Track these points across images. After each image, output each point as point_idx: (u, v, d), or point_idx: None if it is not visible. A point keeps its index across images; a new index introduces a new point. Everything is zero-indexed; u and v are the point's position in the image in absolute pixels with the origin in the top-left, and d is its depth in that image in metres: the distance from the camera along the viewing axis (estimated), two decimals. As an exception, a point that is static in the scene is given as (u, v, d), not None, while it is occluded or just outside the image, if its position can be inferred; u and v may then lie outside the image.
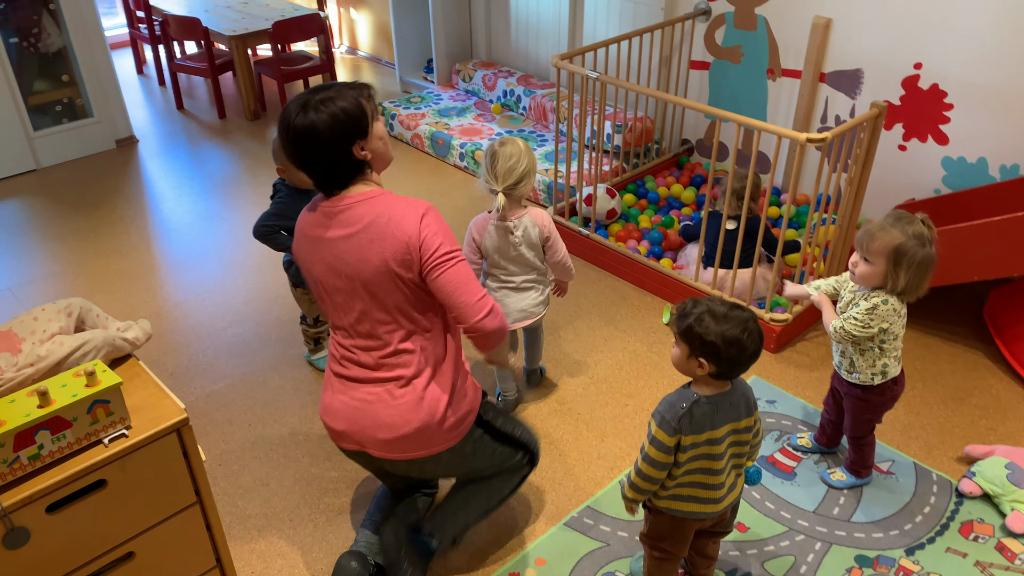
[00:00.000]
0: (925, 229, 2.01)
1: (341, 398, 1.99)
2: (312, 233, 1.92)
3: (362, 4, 5.89)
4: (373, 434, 1.95)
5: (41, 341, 1.72)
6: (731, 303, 1.75)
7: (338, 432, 2.01)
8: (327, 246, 1.90)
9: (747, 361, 1.72)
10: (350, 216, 1.87)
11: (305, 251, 1.96)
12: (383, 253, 1.84)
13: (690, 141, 4.23)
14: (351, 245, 1.86)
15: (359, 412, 1.96)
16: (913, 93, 3.27)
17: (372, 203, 1.87)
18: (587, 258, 3.58)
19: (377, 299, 1.89)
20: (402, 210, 1.85)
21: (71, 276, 3.54)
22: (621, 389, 2.85)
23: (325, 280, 1.93)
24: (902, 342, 2.20)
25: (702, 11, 3.82)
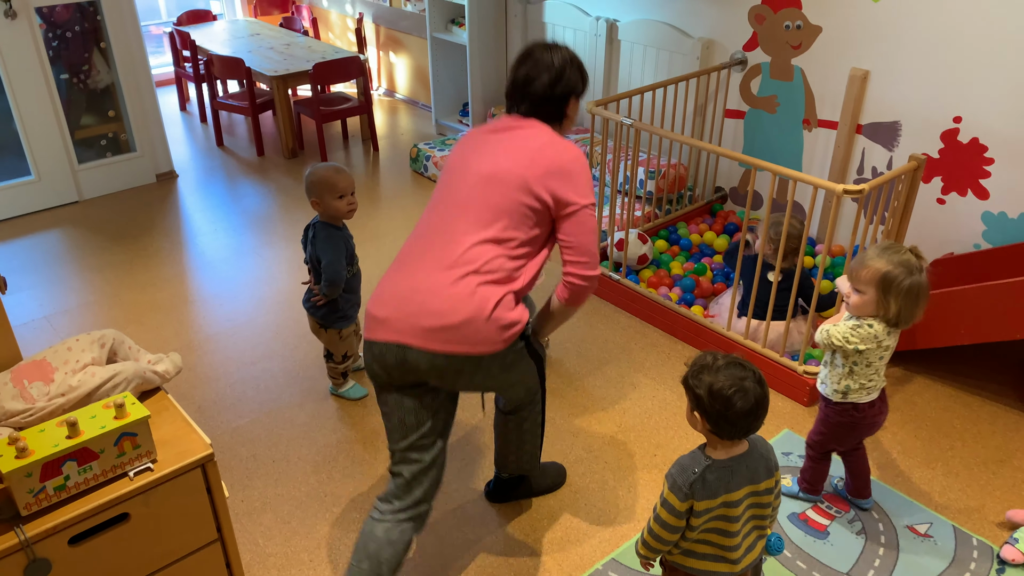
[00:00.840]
0: (913, 258, 2.06)
1: (392, 287, 1.95)
2: (482, 136, 2.07)
3: (401, 48, 6.01)
4: (417, 321, 1.87)
5: (73, 371, 1.73)
6: (737, 360, 1.68)
7: (379, 320, 1.91)
8: (492, 143, 2.03)
9: (735, 419, 1.64)
10: (527, 133, 2.02)
11: (466, 146, 2.06)
12: (535, 170, 1.95)
13: (724, 189, 4.22)
14: (503, 155, 1.99)
15: (406, 299, 1.91)
16: (952, 147, 3.23)
17: (544, 131, 2.05)
18: (617, 303, 3.55)
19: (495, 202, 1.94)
20: (565, 144, 2.03)
21: (106, 307, 3.59)
22: (650, 439, 2.80)
23: (450, 175, 2.04)
24: (881, 377, 2.21)
25: (738, 61, 3.83)
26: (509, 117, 2.10)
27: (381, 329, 1.91)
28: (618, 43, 4.36)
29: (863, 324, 2.11)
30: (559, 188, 1.96)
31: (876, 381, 2.21)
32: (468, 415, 2.91)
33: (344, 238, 2.71)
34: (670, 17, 4.07)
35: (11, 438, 1.46)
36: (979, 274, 3.12)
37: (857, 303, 2.11)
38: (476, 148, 2.06)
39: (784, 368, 2.93)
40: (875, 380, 2.21)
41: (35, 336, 3.37)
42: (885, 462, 2.69)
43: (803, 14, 3.52)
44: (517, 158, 1.98)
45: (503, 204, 1.94)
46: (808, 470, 2.47)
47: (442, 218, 2.00)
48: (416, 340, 1.87)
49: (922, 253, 2.09)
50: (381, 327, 1.92)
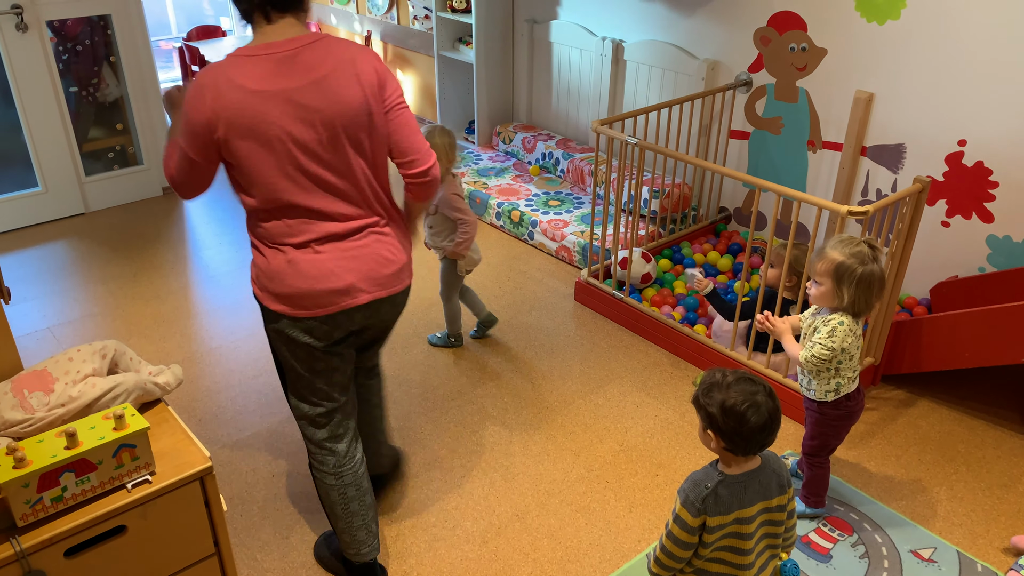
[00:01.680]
0: (866, 248, 2.16)
1: (332, 258, 1.92)
2: (263, 87, 1.78)
3: (408, 66, 6.05)
4: (380, 271, 1.99)
5: (74, 382, 1.73)
6: (746, 375, 1.69)
7: (342, 289, 1.93)
8: (291, 96, 1.79)
9: (749, 435, 1.64)
10: (314, 59, 1.82)
11: (251, 108, 1.77)
12: (361, 90, 1.86)
13: (728, 209, 4.22)
14: (328, 89, 1.82)
15: (360, 260, 1.95)
16: (957, 170, 3.23)
17: (326, 42, 1.86)
18: (620, 322, 3.55)
19: (353, 147, 1.89)
20: (357, 47, 1.91)
21: (109, 318, 3.60)
22: (651, 458, 2.78)
23: (294, 134, 1.81)
24: (857, 362, 2.31)
25: (743, 82, 3.85)
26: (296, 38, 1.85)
27: (348, 296, 1.95)
28: (624, 63, 4.38)
29: (835, 328, 2.19)
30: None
31: (856, 369, 2.32)
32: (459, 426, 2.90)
33: None
34: (676, 38, 4.09)
35: (9, 448, 1.45)
36: (983, 297, 3.11)
37: (816, 294, 2.23)
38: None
39: (788, 389, 2.92)
40: (856, 369, 2.32)
41: (38, 346, 3.37)
42: (889, 485, 2.67)
43: (808, 36, 3.54)
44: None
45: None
46: (812, 480, 2.48)
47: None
48: (382, 290, 2.00)
49: (878, 244, 2.20)
50: (346, 296, 1.95)
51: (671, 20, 4.08)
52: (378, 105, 1.90)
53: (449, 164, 2.95)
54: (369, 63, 1.90)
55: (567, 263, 4.08)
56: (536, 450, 2.82)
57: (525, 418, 2.98)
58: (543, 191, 4.53)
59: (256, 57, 1.80)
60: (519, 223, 4.29)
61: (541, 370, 3.26)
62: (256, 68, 1.79)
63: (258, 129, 1.80)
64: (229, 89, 1.77)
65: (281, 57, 1.80)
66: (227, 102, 1.77)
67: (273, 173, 1.85)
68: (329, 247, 1.93)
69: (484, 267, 4.04)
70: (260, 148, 1.82)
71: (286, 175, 1.85)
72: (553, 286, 3.89)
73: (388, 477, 2.64)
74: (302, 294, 1.92)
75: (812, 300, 2.26)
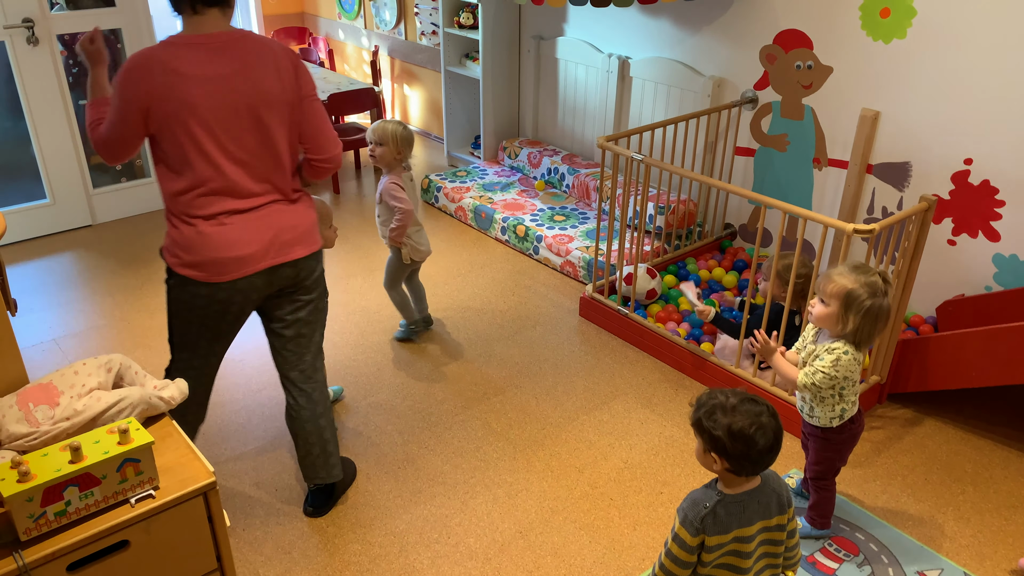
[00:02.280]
0: (880, 281, 2.11)
1: (236, 229, 2.13)
2: (195, 72, 2.01)
3: (415, 81, 6.08)
4: (281, 236, 2.20)
5: (79, 395, 1.73)
6: (746, 395, 1.68)
7: (243, 257, 2.14)
8: (220, 82, 2.03)
9: (758, 457, 1.64)
10: (238, 51, 2.06)
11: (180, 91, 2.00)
12: (279, 82, 2.10)
13: (733, 225, 4.22)
14: (248, 79, 2.06)
15: (261, 229, 2.17)
16: (963, 188, 3.23)
17: (251, 37, 2.12)
18: (625, 338, 3.54)
19: (269, 131, 2.12)
20: (278, 45, 2.16)
21: (115, 330, 3.60)
22: (656, 476, 2.77)
23: (212, 117, 2.03)
24: (859, 387, 2.30)
25: (749, 99, 3.86)
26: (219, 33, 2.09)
27: (247, 265, 2.16)
28: (630, 80, 4.40)
29: (839, 357, 2.16)
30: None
31: (858, 392, 2.30)
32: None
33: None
34: (682, 55, 4.11)
35: (14, 462, 1.45)
36: (990, 316, 3.10)
37: (820, 314, 2.17)
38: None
39: (791, 407, 2.90)
40: (858, 392, 2.30)
41: (43, 358, 3.37)
42: (895, 506, 2.65)
43: (814, 54, 3.55)
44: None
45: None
46: (819, 502, 2.46)
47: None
48: (283, 256, 2.22)
49: (890, 278, 2.15)
50: (244, 264, 2.15)
51: (677, 37, 4.10)
52: (293, 96, 2.14)
53: (399, 155, 3.15)
54: (288, 59, 2.15)
55: (572, 278, 4.08)
56: (540, 466, 2.81)
57: (529, 434, 2.97)
58: (548, 206, 4.54)
59: (190, 45, 2.04)
60: (524, 238, 4.30)
61: (545, 385, 3.25)
62: (190, 55, 2.02)
63: (184, 110, 2.01)
64: (162, 72, 1.99)
65: (213, 47, 2.04)
66: (158, 84, 1.99)
67: (194, 151, 2.06)
68: (235, 219, 2.14)
69: (488, 281, 4.04)
70: (184, 128, 2.03)
71: (204, 154, 2.07)
72: (558, 301, 3.89)
73: (337, 487, 2.65)
74: (209, 262, 2.13)
75: (814, 320, 2.22)
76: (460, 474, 2.77)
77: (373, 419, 3.04)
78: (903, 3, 3.19)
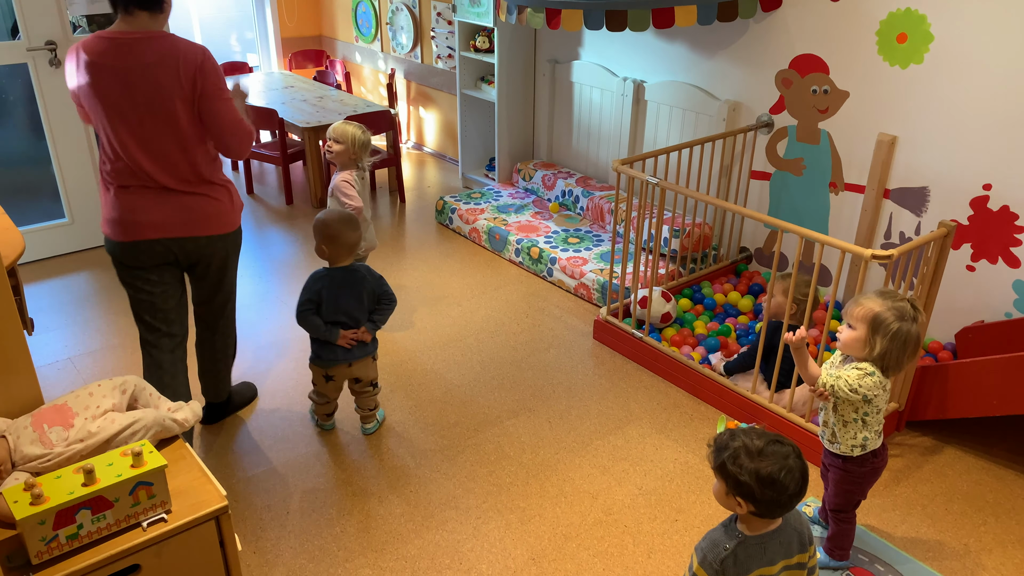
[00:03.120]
0: (908, 306, 2.08)
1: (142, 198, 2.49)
2: (100, 62, 2.34)
3: (431, 104, 6.12)
4: (181, 216, 2.53)
5: (94, 417, 1.73)
6: (771, 436, 1.65)
7: (144, 223, 2.49)
8: (120, 79, 2.35)
9: (788, 502, 1.62)
10: (147, 48, 2.35)
11: (91, 76, 2.35)
12: (177, 80, 2.36)
13: (748, 249, 4.20)
14: (150, 78, 2.35)
15: (166, 206, 2.51)
16: (982, 214, 3.20)
17: (164, 38, 2.38)
18: (639, 361, 3.51)
19: (168, 121, 2.41)
20: (195, 49, 2.40)
21: (129, 350, 3.61)
22: (671, 503, 2.74)
23: (119, 104, 2.37)
24: (883, 416, 2.24)
25: (764, 123, 3.85)
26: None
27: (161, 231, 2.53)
28: (644, 103, 4.41)
29: (863, 373, 2.12)
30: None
31: (882, 423, 2.25)
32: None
33: (315, 278, 2.81)
34: (697, 79, 4.11)
35: (27, 484, 1.45)
36: (1011, 343, 3.06)
37: (846, 338, 2.15)
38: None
39: (809, 434, 2.87)
40: (882, 423, 2.25)
41: (58, 377, 3.39)
42: (916, 536, 2.60)
43: (830, 79, 3.55)
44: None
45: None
46: (838, 534, 2.42)
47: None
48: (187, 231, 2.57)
49: (919, 306, 2.11)
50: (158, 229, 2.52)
51: (692, 61, 4.11)
52: (191, 94, 2.40)
53: (354, 156, 3.44)
54: (192, 61, 2.38)
55: (586, 301, 4.06)
56: (553, 492, 2.78)
57: (542, 458, 2.94)
58: (562, 228, 4.54)
59: (102, 39, 2.36)
60: (538, 260, 4.30)
61: (559, 409, 3.23)
62: (99, 46, 2.35)
63: (94, 94, 2.38)
64: (79, 60, 2.37)
65: (121, 42, 2.35)
66: (78, 69, 2.38)
67: (105, 129, 2.44)
68: (143, 192, 2.49)
69: (502, 303, 4.03)
70: (96, 109, 2.41)
71: (114, 133, 2.42)
72: (572, 324, 3.87)
73: (226, 407, 3.13)
74: (115, 220, 2.51)
75: (841, 346, 2.18)
76: (473, 499, 2.74)
77: (385, 441, 3.03)
78: (920, 29, 3.18)
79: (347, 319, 2.81)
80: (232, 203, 2.67)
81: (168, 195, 2.50)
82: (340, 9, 6.67)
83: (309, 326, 2.80)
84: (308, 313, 2.77)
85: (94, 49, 2.35)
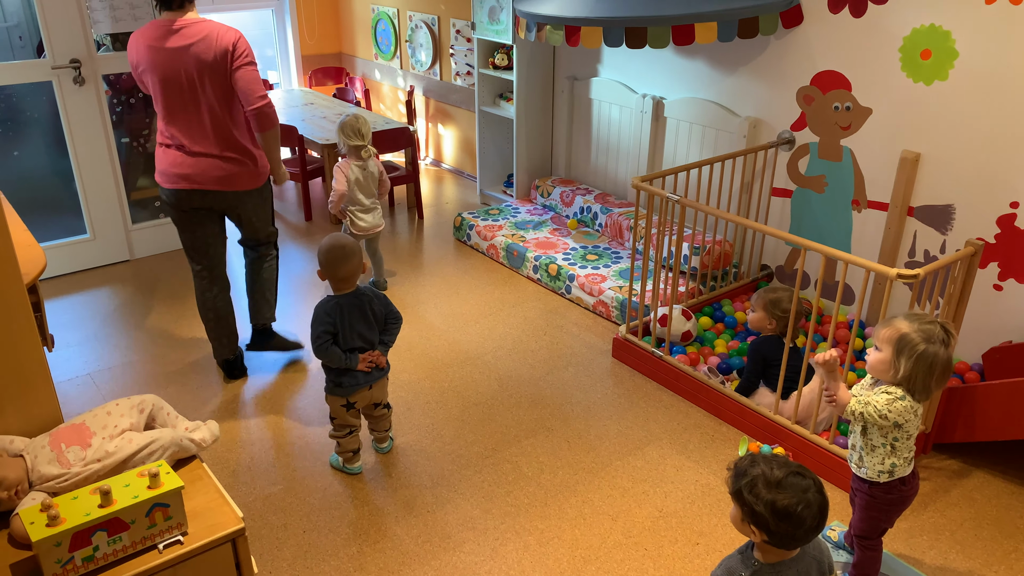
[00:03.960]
0: (938, 329, 2.02)
1: (181, 156, 3.09)
2: (155, 44, 2.97)
3: (449, 120, 6.14)
4: (209, 174, 3.11)
5: (111, 436, 1.72)
6: (793, 467, 1.60)
7: (181, 175, 3.09)
8: (171, 57, 2.97)
9: (803, 536, 1.57)
10: (189, 31, 2.97)
11: (148, 56, 2.99)
12: (215, 56, 2.96)
13: (769, 267, 4.15)
14: (193, 56, 2.96)
15: (196, 164, 3.10)
16: (1009, 232, 3.15)
17: (204, 25, 2.99)
18: (659, 380, 3.47)
19: (209, 91, 3.00)
20: (225, 30, 3.00)
21: (149, 365, 3.62)
22: (692, 526, 2.69)
23: (167, 85, 3.00)
24: (914, 443, 2.18)
25: (786, 140, 3.82)
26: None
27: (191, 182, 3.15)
28: (664, 120, 4.39)
29: (893, 398, 2.07)
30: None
31: (913, 450, 2.19)
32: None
33: (326, 310, 2.71)
34: (717, 96, 4.09)
35: (44, 504, 1.44)
36: (1041, 365, 3.00)
37: (873, 360, 2.11)
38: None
39: (833, 456, 2.81)
40: (912, 450, 2.19)
41: (78, 392, 3.40)
42: (944, 563, 2.53)
43: (852, 96, 3.51)
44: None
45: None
46: (863, 562, 2.35)
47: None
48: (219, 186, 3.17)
49: (952, 329, 2.06)
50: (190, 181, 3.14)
51: (712, 78, 4.09)
52: (227, 67, 2.99)
53: (344, 139, 4.02)
54: (228, 40, 2.97)
55: (605, 318, 4.03)
56: (572, 513, 2.74)
57: (561, 479, 2.91)
58: (581, 245, 4.52)
59: (157, 25, 3.00)
60: (556, 277, 4.27)
61: (577, 429, 3.19)
62: (154, 32, 3.00)
63: (152, 70, 3.00)
64: (137, 43, 3.02)
65: (170, 28, 2.98)
66: (134, 52, 3.04)
67: (159, 99, 3.05)
68: (180, 151, 3.10)
69: (520, 320, 4.01)
70: (153, 83, 3.03)
71: (165, 102, 3.04)
72: (590, 341, 3.84)
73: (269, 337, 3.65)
74: (161, 172, 3.14)
75: (869, 368, 2.14)
76: (490, 520, 2.71)
77: (402, 461, 3.01)
78: (944, 45, 3.15)
79: (362, 343, 2.77)
80: (256, 167, 3.20)
81: (201, 156, 3.08)
82: (360, 27, 6.72)
83: (329, 357, 2.70)
84: (327, 345, 2.69)
85: (148, 35, 2.99)
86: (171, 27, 2.96)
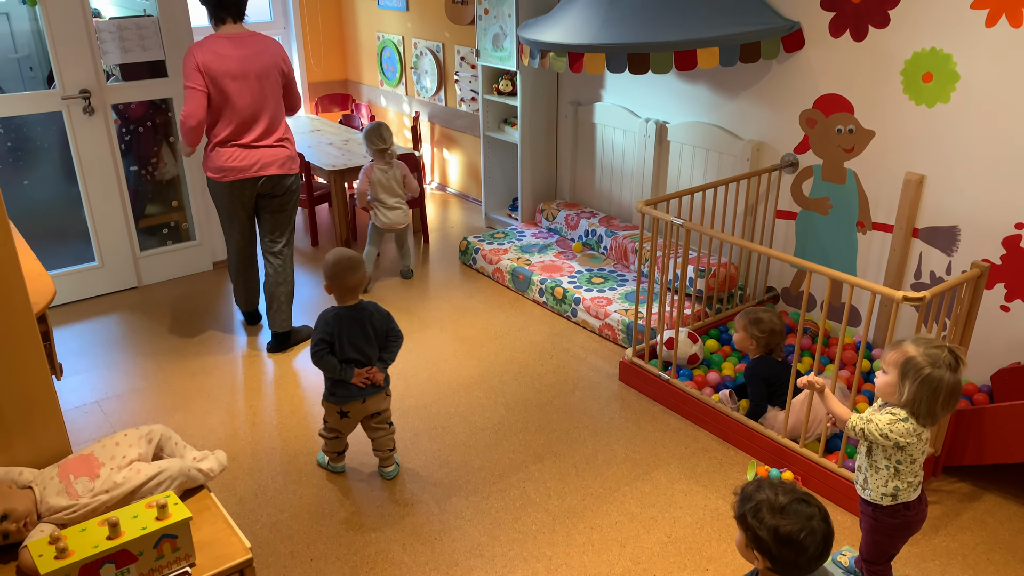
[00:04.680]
0: (947, 354, 2.00)
1: (240, 151, 3.62)
2: (229, 53, 3.51)
3: (454, 145, 6.18)
4: (265, 159, 3.65)
5: (119, 467, 1.73)
6: (799, 494, 1.59)
7: (241, 167, 3.62)
8: (240, 61, 3.52)
9: (806, 565, 1.55)
10: (254, 42, 3.59)
11: (218, 64, 3.49)
12: (276, 62, 3.65)
13: (775, 289, 4.15)
14: (259, 59, 3.57)
15: (255, 154, 3.65)
16: (1015, 253, 3.15)
17: (260, 37, 3.63)
18: (666, 404, 3.47)
19: (265, 91, 3.60)
20: (275, 45, 3.67)
21: (156, 392, 3.63)
22: (701, 552, 2.67)
23: (237, 84, 3.52)
24: (921, 468, 2.17)
25: (789, 163, 3.84)
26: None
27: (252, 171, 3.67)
28: (667, 144, 4.41)
29: (895, 419, 2.07)
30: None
31: (919, 476, 2.17)
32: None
33: (326, 320, 2.85)
34: (720, 119, 4.12)
35: (52, 537, 1.44)
36: (1050, 386, 2.98)
37: (881, 383, 2.11)
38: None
39: (841, 479, 2.80)
40: (919, 475, 2.17)
41: (86, 420, 3.41)
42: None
43: (855, 119, 3.53)
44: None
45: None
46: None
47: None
48: (274, 170, 3.73)
49: (962, 356, 2.04)
50: (248, 171, 3.67)
51: (715, 102, 4.12)
52: (281, 75, 3.68)
53: (369, 145, 4.49)
54: (279, 54, 3.67)
55: (611, 341, 4.03)
56: (580, 540, 2.73)
57: (569, 505, 2.90)
58: (586, 268, 4.53)
59: (221, 38, 3.53)
60: (562, 300, 4.28)
61: (584, 454, 3.18)
62: (222, 43, 3.52)
63: (221, 76, 3.49)
64: (207, 52, 3.48)
65: (236, 40, 3.55)
66: (207, 58, 3.47)
67: (224, 103, 3.54)
68: (240, 147, 3.63)
69: (526, 343, 4.01)
70: (220, 87, 3.50)
71: (230, 103, 3.54)
72: (597, 365, 3.84)
73: (288, 337, 4.03)
74: (222, 168, 3.63)
75: (877, 391, 2.15)
76: (498, 546, 2.70)
77: (409, 487, 3.00)
78: (946, 68, 3.17)
79: (360, 356, 2.84)
80: (295, 150, 3.79)
81: (264, 148, 3.64)
82: (365, 54, 6.79)
83: (325, 366, 2.82)
84: (323, 353, 2.81)
85: (219, 45, 3.49)
86: (241, 36, 3.55)
